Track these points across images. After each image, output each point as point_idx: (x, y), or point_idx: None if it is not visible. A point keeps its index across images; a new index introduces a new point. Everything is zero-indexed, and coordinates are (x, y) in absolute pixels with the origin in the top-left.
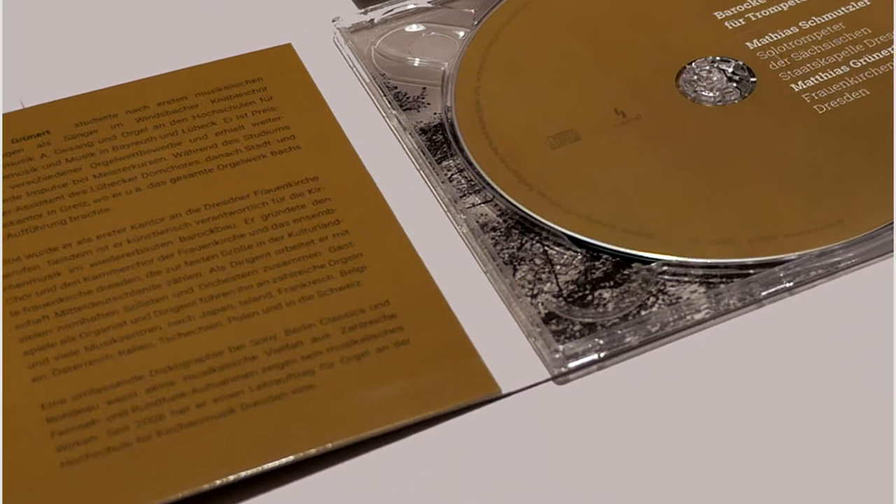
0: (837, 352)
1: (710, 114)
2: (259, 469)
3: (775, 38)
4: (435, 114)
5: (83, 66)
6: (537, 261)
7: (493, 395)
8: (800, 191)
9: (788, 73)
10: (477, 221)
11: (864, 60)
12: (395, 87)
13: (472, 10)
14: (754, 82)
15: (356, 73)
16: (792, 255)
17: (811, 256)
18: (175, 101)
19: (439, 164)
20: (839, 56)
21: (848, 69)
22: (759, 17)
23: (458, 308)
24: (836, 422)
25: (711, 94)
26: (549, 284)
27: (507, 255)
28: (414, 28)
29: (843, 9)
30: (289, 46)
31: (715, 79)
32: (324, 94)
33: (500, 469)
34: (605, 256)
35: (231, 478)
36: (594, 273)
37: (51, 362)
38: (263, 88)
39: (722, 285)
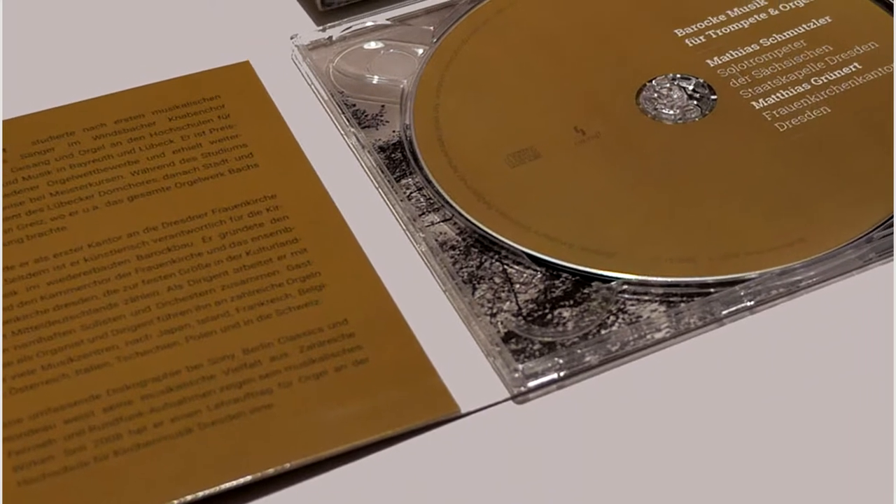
0: (798, 371)
1: (670, 132)
2: (217, 489)
3: (736, 56)
4: (394, 131)
5: (40, 84)
6: (496, 279)
7: (453, 415)
8: (761, 209)
9: (749, 90)
10: (436, 240)
11: (826, 78)
12: (354, 105)
13: (432, 28)
14: (715, 100)
15: (314, 90)
16: (753, 274)
17: (772, 275)
18: (132, 119)
19: (398, 182)
20: (800, 73)
21: (809, 87)
22: (720, 34)
23: (416, 327)
24: (795, 441)
25: (672, 112)
26: (508, 303)
27: (466, 274)
28: (373, 45)
29: (804, 26)
30: (247, 64)
31: (675, 96)
32: (282, 112)
33: (460, 489)
34: (564, 275)
35: (189, 497)
36: (554, 292)
37: (7, 381)
38: (221, 106)
39: (682, 304)
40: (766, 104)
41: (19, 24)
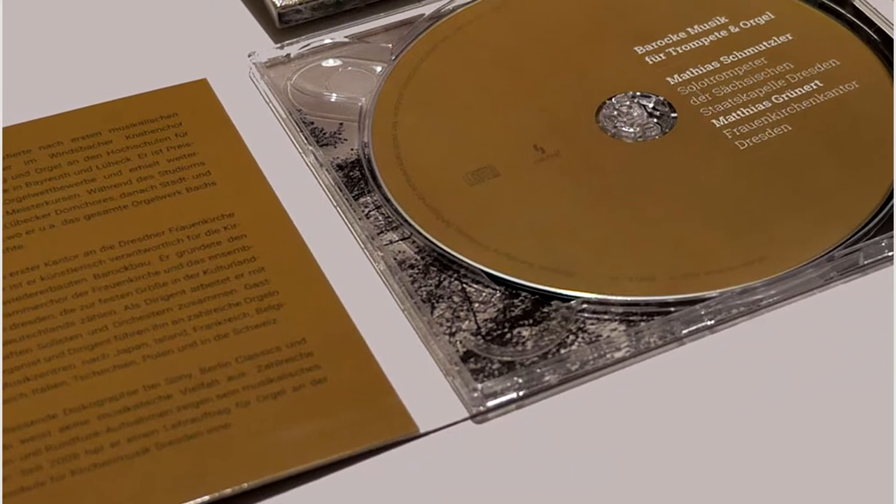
0: (759, 391)
1: (630, 150)
2: None
3: (696, 73)
4: (352, 150)
5: None
6: (455, 298)
7: (411, 435)
8: (721, 227)
9: (710, 108)
10: (394, 259)
11: (787, 96)
12: (312, 123)
13: (390, 45)
14: (675, 118)
15: (272, 108)
16: (713, 293)
17: (733, 294)
18: (89, 137)
19: (356, 200)
20: (761, 91)
21: (770, 104)
22: (680, 51)
23: (375, 346)
24: (756, 461)
25: (632, 130)
26: (467, 322)
27: (425, 293)
28: (331, 63)
29: (764, 43)
30: (204, 81)
31: (635, 114)
32: (240, 130)
33: None
34: (524, 294)
35: None
36: (513, 311)
37: None
38: (178, 124)
39: (642, 323)
40: (726, 122)
41: None
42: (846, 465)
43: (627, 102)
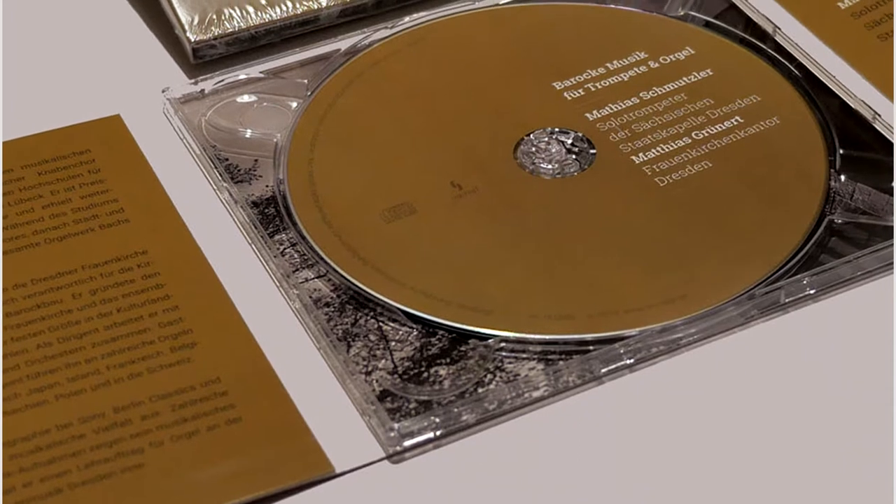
0: (678, 430)
1: (548, 186)
2: None
3: (616, 109)
4: (267, 186)
5: None
6: (372, 337)
7: (327, 475)
8: (641, 265)
9: (629, 144)
10: (310, 297)
11: (707, 132)
12: (227, 159)
13: (306, 81)
14: (594, 154)
15: (186, 144)
16: (633, 332)
17: (652, 332)
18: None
19: (271, 237)
20: (681, 127)
21: (690, 141)
22: (599, 87)
23: (290, 385)
24: (672, 502)
25: (550, 167)
26: (383, 361)
27: (340, 332)
28: (246, 99)
29: (684, 79)
30: (117, 117)
31: (554, 150)
32: (153, 166)
33: None
34: (441, 332)
35: None
36: (430, 350)
37: None
38: (91, 160)
39: (561, 362)
40: (646, 158)
41: None
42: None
43: (546, 138)
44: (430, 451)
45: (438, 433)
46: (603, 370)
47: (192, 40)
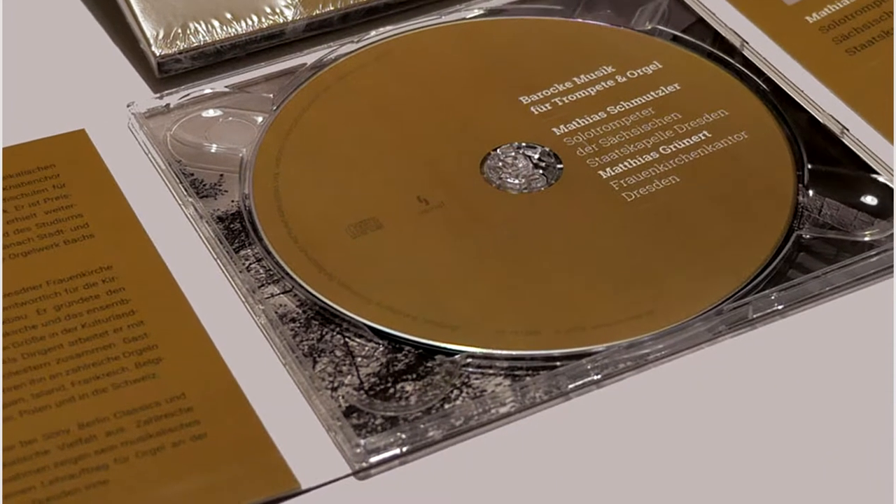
0: (644, 446)
1: (515, 201)
2: None
3: (583, 124)
4: (232, 201)
5: None
6: (338, 353)
7: (293, 491)
8: (608, 281)
9: (596, 159)
10: (276, 312)
11: (675, 146)
12: (192, 174)
13: (271, 95)
14: (561, 169)
15: (151, 159)
16: (600, 347)
17: (619, 348)
18: None
19: (237, 253)
20: (648, 142)
21: (658, 155)
22: (567, 101)
23: (256, 401)
24: None
25: (517, 181)
26: (349, 377)
27: (306, 347)
28: (211, 113)
29: (652, 94)
30: (82, 132)
31: (520, 165)
32: (118, 181)
33: None
34: (407, 348)
35: None
36: (396, 365)
37: None
38: (56, 175)
39: (528, 378)
40: (613, 173)
41: None
42: None
43: (512, 153)
44: (396, 467)
45: (405, 449)
46: (570, 386)
47: (158, 54)
